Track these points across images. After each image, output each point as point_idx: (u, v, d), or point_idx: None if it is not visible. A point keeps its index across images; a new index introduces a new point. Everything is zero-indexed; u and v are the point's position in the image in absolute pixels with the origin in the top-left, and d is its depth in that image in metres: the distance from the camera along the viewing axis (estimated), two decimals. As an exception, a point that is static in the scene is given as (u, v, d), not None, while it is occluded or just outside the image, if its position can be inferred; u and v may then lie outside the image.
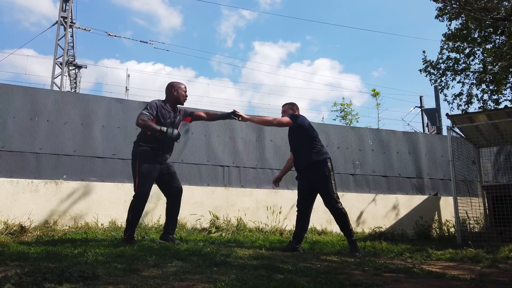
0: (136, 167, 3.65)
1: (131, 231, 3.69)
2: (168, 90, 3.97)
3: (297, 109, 4.16)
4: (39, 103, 5.30)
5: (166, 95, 3.97)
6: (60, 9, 17.60)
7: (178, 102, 3.97)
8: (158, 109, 3.76)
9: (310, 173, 3.83)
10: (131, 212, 3.70)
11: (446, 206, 6.99)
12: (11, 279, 1.82)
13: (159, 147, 3.75)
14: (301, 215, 3.94)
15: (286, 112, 4.12)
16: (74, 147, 5.33)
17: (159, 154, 3.76)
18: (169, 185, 3.91)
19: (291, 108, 4.13)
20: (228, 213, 5.63)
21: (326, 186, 3.75)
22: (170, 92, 3.94)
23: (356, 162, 6.90)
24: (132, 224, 3.71)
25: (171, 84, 3.99)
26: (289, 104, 4.18)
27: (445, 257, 3.81)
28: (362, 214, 6.53)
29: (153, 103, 3.80)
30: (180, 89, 3.96)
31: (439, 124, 13.27)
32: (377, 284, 2.19)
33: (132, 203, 3.70)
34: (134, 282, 1.92)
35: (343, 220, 3.73)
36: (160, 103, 3.84)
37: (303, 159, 3.87)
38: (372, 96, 12.04)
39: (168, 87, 3.98)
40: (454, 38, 12.39)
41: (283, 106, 4.21)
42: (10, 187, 4.78)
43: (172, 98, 3.93)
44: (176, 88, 3.95)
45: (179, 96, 3.94)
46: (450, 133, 5.62)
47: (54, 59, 17.38)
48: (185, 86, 4.04)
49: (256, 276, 2.23)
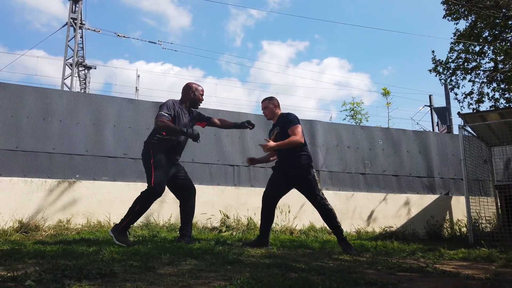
0: (151, 163, 3.52)
1: (130, 222, 3.48)
2: (185, 91, 3.87)
3: (278, 103, 4.06)
4: (51, 103, 5.37)
5: (183, 96, 3.87)
6: (70, 10, 17.80)
7: (194, 105, 3.88)
8: (176, 109, 3.68)
9: (294, 173, 3.79)
10: (140, 204, 3.47)
11: (457, 205, 6.93)
12: (31, 276, 1.85)
13: (172, 148, 3.69)
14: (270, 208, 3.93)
15: (268, 109, 4.01)
16: (86, 147, 5.39)
17: (171, 155, 3.69)
18: (184, 188, 3.83)
19: (272, 103, 4.03)
20: (238, 212, 5.66)
21: (311, 185, 3.74)
22: (187, 94, 3.85)
23: (366, 162, 6.88)
24: (135, 217, 3.49)
25: (189, 85, 3.88)
26: (268, 100, 4.06)
27: (458, 256, 3.79)
28: (373, 214, 6.51)
29: (170, 102, 3.69)
30: (198, 92, 3.86)
31: (449, 123, 13.14)
32: (391, 283, 2.18)
33: (144, 196, 3.50)
34: (151, 280, 1.95)
35: (330, 216, 3.71)
36: (176, 103, 3.74)
37: (290, 159, 3.80)
38: (383, 95, 11.98)
39: (186, 88, 3.88)
40: (464, 37, 12.27)
41: (262, 102, 4.09)
42: (24, 187, 4.86)
43: (188, 100, 3.84)
44: (194, 90, 3.85)
45: (196, 98, 3.85)
46: (462, 131, 5.57)
47: (64, 60, 17.58)
48: (203, 89, 3.93)
49: (270, 275, 2.24)
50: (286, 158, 3.86)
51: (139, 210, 3.48)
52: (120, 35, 19.74)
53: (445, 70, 13.10)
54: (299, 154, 3.79)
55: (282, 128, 3.87)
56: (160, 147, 3.59)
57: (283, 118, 3.94)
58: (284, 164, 3.89)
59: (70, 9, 17.81)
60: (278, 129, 3.91)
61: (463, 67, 12.78)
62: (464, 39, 12.25)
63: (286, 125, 3.85)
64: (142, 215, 3.56)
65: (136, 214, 3.49)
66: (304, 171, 3.76)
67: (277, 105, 4.05)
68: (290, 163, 3.81)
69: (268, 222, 3.93)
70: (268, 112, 4.05)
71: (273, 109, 4.02)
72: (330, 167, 6.62)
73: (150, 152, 3.57)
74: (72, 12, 17.79)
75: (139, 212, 3.50)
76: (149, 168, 3.55)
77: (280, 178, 3.91)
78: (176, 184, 3.80)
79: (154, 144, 3.61)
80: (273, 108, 4.02)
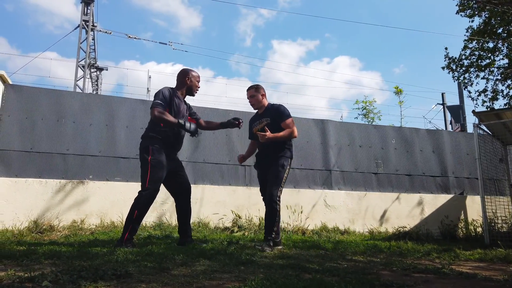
0: (148, 160, 3.29)
1: (132, 232, 3.26)
2: (180, 78, 3.62)
3: (264, 92, 3.95)
4: (65, 105, 5.44)
5: (178, 83, 3.63)
6: (82, 13, 18.01)
7: (190, 93, 3.65)
8: (172, 97, 3.44)
9: (271, 157, 3.75)
10: (138, 210, 3.24)
11: (472, 205, 6.82)
12: (48, 276, 1.87)
13: (171, 141, 3.47)
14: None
15: (255, 97, 3.89)
16: (99, 147, 5.44)
17: (170, 148, 3.47)
18: (179, 183, 3.60)
19: (259, 92, 3.91)
20: (250, 212, 5.65)
21: (276, 175, 3.65)
22: (183, 80, 3.61)
23: (378, 161, 6.81)
24: (136, 224, 3.27)
25: (185, 71, 3.64)
26: (255, 89, 3.92)
27: (474, 257, 3.73)
28: (386, 213, 6.44)
29: (166, 90, 3.44)
30: (194, 78, 3.64)
31: (463, 121, 12.94)
32: (407, 284, 2.16)
33: (139, 200, 3.26)
34: (166, 281, 1.95)
35: (272, 216, 3.61)
36: (172, 91, 3.50)
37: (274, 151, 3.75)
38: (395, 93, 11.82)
39: (181, 74, 3.63)
40: (477, 34, 12.06)
41: (248, 90, 3.95)
42: (39, 187, 4.93)
43: (184, 87, 3.61)
44: (190, 76, 3.61)
45: (192, 85, 3.63)
46: (477, 130, 5.48)
47: (77, 62, 17.80)
48: (199, 76, 3.70)
49: (284, 276, 2.23)
50: (269, 149, 3.79)
51: (137, 216, 3.26)
52: (131, 36, 19.91)
53: (458, 67, 12.90)
54: (284, 148, 3.76)
55: (273, 120, 3.76)
56: (158, 142, 3.38)
57: (275, 110, 3.84)
58: (264, 153, 3.84)
59: (82, 12, 18.03)
60: (268, 120, 3.78)
61: (477, 64, 12.57)
62: (477, 35, 12.05)
63: (279, 118, 3.76)
64: (142, 220, 3.37)
65: (136, 221, 3.27)
66: (278, 162, 3.69)
67: (264, 94, 3.93)
68: (270, 153, 3.77)
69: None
70: (254, 101, 3.92)
71: (259, 99, 3.90)
72: (342, 166, 6.57)
73: (149, 148, 3.34)
74: (84, 14, 18.00)
75: (138, 218, 3.29)
76: (145, 165, 3.32)
77: (262, 173, 3.86)
78: (173, 181, 3.58)
79: (153, 139, 3.39)
80: (259, 97, 3.90)
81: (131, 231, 3.25)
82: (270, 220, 3.63)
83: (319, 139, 6.59)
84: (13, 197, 4.81)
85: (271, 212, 3.62)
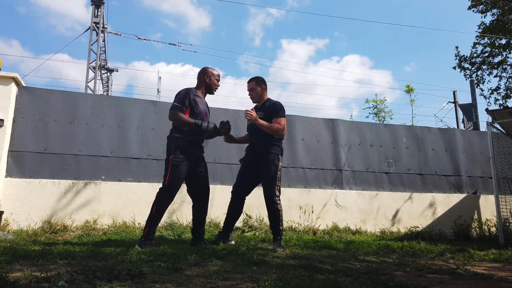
0: (170, 159, 3.38)
1: (150, 230, 3.31)
2: (200, 76, 3.69)
3: (264, 85, 3.86)
4: (77, 106, 5.49)
5: (198, 81, 3.69)
6: (93, 15, 18.19)
7: (209, 91, 3.70)
8: (191, 98, 3.49)
9: (261, 159, 3.67)
10: (157, 207, 3.33)
11: (486, 204, 6.73)
12: (64, 276, 1.90)
13: (195, 140, 3.52)
14: (238, 200, 3.83)
15: (255, 91, 3.81)
16: (111, 148, 5.49)
17: (195, 147, 3.54)
18: (200, 185, 3.62)
19: (260, 86, 3.83)
20: (260, 212, 5.64)
21: (270, 176, 3.61)
22: (203, 79, 3.67)
23: (390, 160, 6.75)
24: (154, 222, 3.34)
25: (205, 70, 3.69)
26: (255, 81, 3.84)
27: (488, 258, 3.68)
28: (398, 213, 6.39)
29: (184, 91, 3.51)
30: (213, 77, 3.69)
31: (476, 119, 12.76)
32: (422, 285, 2.14)
33: (159, 197, 3.36)
34: (180, 281, 1.96)
35: (276, 217, 3.59)
36: (191, 90, 3.56)
37: (261, 146, 3.69)
38: (406, 92, 11.70)
39: (201, 73, 3.69)
40: (489, 30, 11.89)
41: (248, 82, 3.86)
42: (53, 188, 4.99)
43: (203, 85, 3.66)
44: (210, 74, 3.67)
45: (211, 84, 3.67)
46: (490, 128, 5.41)
47: (88, 63, 18.00)
48: (219, 74, 3.75)
49: (297, 276, 2.23)
50: (257, 144, 3.74)
51: (157, 212, 3.34)
52: (140, 38, 20.06)
53: (470, 65, 12.75)
54: (271, 143, 3.68)
55: (267, 115, 3.69)
56: (181, 143, 3.43)
57: (271, 106, 3.77)
58: (254, 150, 3.78)
59: (93, 14, 18.21)
60: (262, 114, 3.69)
61: (489, 61, 12.40)
62: (489, 32, 11.88)
63: (273, 114, 3.69)
64: (161, 217, 3.42)
65: (154, 218, 3.34)
66: (269, 160, 3.63)
67: (264, 88, 3.86)
68: (260, 149, 3.70)
69: (233, 216, 3.82)
70: (254, 95, 3.84)
71: (260, 93, 3.83)
72: (353, 166, 6.53)
73: (172, 148, 3.42)
74: (94, 16, 18.19)
75: (158, 215, 3.36)
76: (167, 164, 3.41)
77: (248, 167, 3.80)
78: (193, 179, 3.59)
79: (176, 139, 3.45)
80: (260, 91, 3.83)
81: (150, 227, 3.31)
82: (275, 221, 3.62)
83: (329, 138, 6.56)
84: (27, 197, 4.88)
85: (274, 213, 3.61)
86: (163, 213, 3.43)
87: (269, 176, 3.63)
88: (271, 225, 3.68)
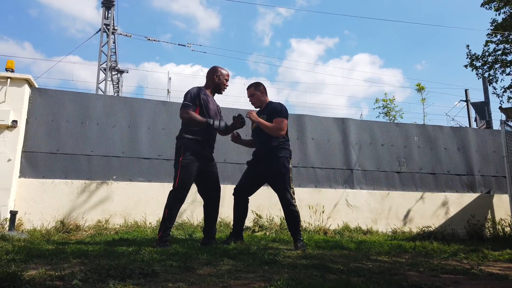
0: (180, 160, 3.35)
1: (165, 233, 3.31)
2: (210, 75, 3.69)
3: (265, 90, 3.84)
4: (89, 107, 5.55)
5: (207, 80, 3.69)
6: (103, 17, 18.36)
7: (218, 90, 3.70)
8: (201, 97, 3.48)
9: (269, 164, 3.64)
10: (168, 209, 3.33)
11: (500, 204, 6.63)
12: (77, 275, 1.91)
13: (205, 140, 3.50)
14: (241, 202, 3.81)
15: (255, 96, 3.79)
16: (122, 148, 5.53)
17: (205, 148, 3.51)
18: (210, 186, 3.60)
19: (259, 90, 3.80)
20: (270, 212, 5.64)
21: (283, 180, 3.58)
22: (212, 78, 3.66)
23: (401, 160, 6.69)
24: (168, 224, 3.34)
25: (214, 69, 3.70)
26: (254, 87, 3.82)
27: (503, 258, 3.62)
28: (409, 213, 6.32)
29: (195, 90, 3.50)
30: (223, 76, 3.68)
31: (488, 118, 12.56)
32: (436, 286, 2.11)
33: (170, 200, 3.37)
34: (192, 280, 1.96)
35: (294, 219, 3.58)
36: (201, 89, 3.56)
37: (268, 149, 3.65)
38: (417, 91, 11.60)
39: (211, 72, 3.70)
40: (502, 28, 11.70)
41: (248, 89, 3.84)
42: (65, 188, 5.05)
43: (212, 85, 3.66)
44: (219, 74, 3.67)
45: (220, 83, 3.67)
46: (504, 127, 5.33)
47: (98, 65, 18.17)
48: (228, 74, 3.74)
49: (309, 276, 2.22)
50: (263, 147, 3.70)
51: (169, 216, 3.34)
52: (150, 39, 20.17)
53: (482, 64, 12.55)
54: (278, 146, 3.64)
55: (269, 117, 3.66)
56: (191, 143, 3.41)
57: (273, 108, 3.73)
58: (260, 153, 3.74)
59: (103, 15, 18.38)
60: (265, 117, 3.67)
61: (501, 60, 12.20)
62: (502, 29, 11.69)
63: (275, 115, 3.66)
64: (174, 219, 3.41)
65: (167, 221, 3.33)
66: (279, 164, 3.60)
67: (264, 92, 3.83)
68: (267, 154, 3.66)
69: (240, 219, 3.82)
70: (255, 100, 3.82)
71: (260, 97, 3.81)
72: (363, 165, 6.48)
73: (181, 148, 3.40)
74: (105, 18, 18.35)
75: (171, 218, 3.35)
76: (176, 165, 3.40)
77: (254, 172, 3.77)
78: (204, 180, 3.58)
79: (186, 139, 3.43)
80: (260, 95, 3.80)
81: (164, 230, 3.31)
82: (295, 224, 3.62)
83: (340, 137, 6.52)
84: (40, 197, 4.95)
85: (293, 215, 3.60)
86: (176, 216, 3.41)
87: (282, 180, 3.61)
88: (290, 228, 3.68)
